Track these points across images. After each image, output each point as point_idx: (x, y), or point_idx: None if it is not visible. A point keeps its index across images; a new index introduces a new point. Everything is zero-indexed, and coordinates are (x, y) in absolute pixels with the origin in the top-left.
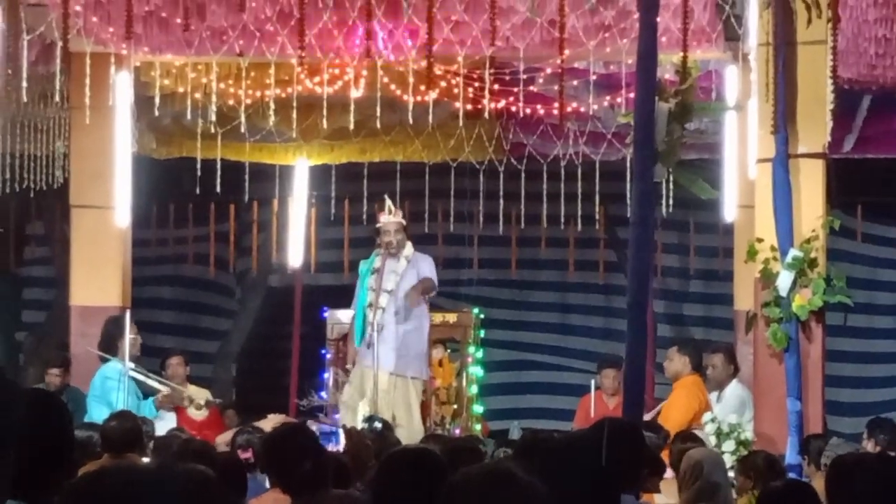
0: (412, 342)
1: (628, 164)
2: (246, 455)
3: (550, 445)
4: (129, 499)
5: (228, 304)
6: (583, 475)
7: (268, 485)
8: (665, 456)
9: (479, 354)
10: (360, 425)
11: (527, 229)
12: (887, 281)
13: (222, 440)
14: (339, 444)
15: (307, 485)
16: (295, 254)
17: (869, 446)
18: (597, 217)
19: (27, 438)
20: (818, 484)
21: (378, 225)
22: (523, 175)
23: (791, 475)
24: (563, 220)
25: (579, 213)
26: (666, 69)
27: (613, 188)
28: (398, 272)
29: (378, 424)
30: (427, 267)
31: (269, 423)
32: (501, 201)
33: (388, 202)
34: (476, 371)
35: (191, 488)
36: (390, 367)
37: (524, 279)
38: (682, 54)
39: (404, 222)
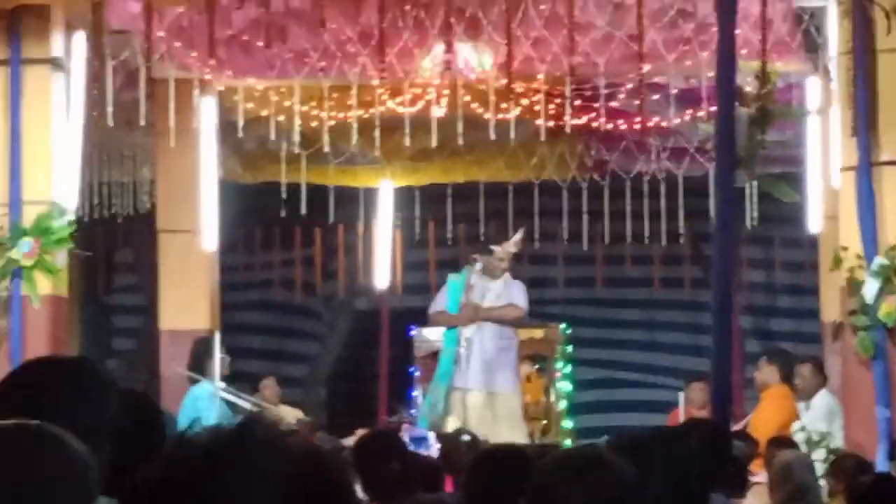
0: (504, 359)
1: (711, 179)
2: None
3: (639, 438)
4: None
5: (316, 328)
6: (670, 467)
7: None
8: (757, 466)
9: (567, 370)
10: None
11: (611, 247)
12: None
13: None
14: (429, 450)
15: (395, 488)
16: (381, 276)
17: None
18: (681, 233)
19: (121, 434)
20: None
21: (498, 248)
22: (606, 192)
23: None
24: (647, 236)
25: (664, 229)
26: (746, 80)
27: (697, 204)
28: (496, 292)
29: (467, 437)
30: (520, 294)
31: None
32: (585, 219)
33: (519, 234)
34: (564, 387)
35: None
36: (482, 384)
37: (610, 297)
38: (761, 61)
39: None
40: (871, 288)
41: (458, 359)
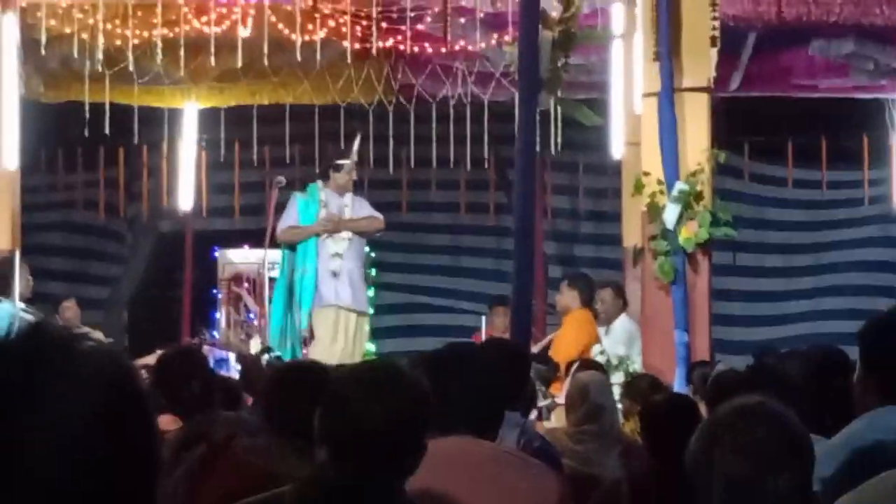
0: (363, 277)
1: (517, 105)
2: None
3: (437, 355)
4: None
5: (119, 250)
6: (466, 382)
7: None
8: (556, 388)
9: (371, 294)
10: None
11: (417, 171)
12: (775, 220)
13: None
14: (230, 371)
15: (196, 406)
16: (185, 198)
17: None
18: (486, 158)
19: None
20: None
21: (344, 162)
22: (413, 116)
23: None
24: (452, 161)
25: (468, 154)
26: (552, 5)
27: (503, 130)
28: (351, 207)
29: (274, 355)
30: (368, 206)
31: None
32: (391, 143)
33: (356, 142)
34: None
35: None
36: (354, 302)
37: (415, 221)
38: None
39: None
40: (671, 213)
41: (322, 276)
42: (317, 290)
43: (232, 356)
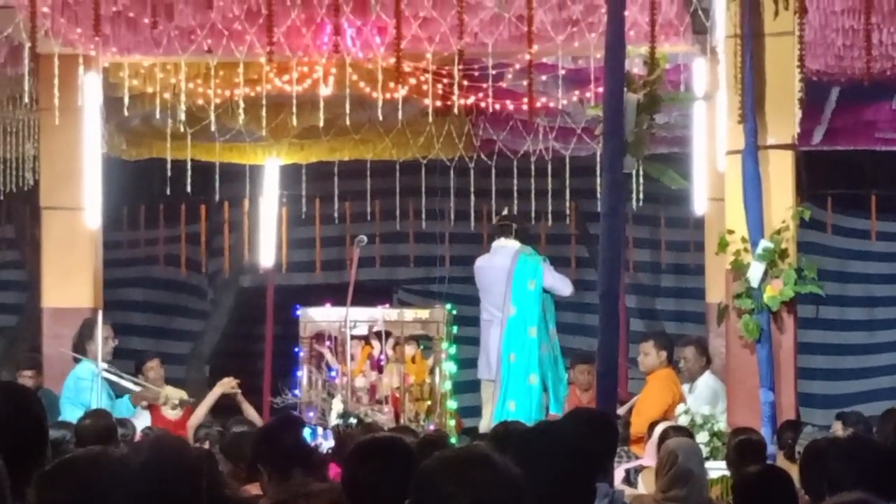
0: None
1: (598, 160)
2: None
3: (524, 433)
4: (100, 483)
5: (200, 305)
6: (556, 461)
7: None
8: (639, 449)
9: (452, 350)
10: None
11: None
12: (857, 273)
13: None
14: (316, 439)
15: (289, 475)
16: (266, 253)
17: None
18: (567, 213)
19: (2, 430)
20: (792, 474)
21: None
22: (493, 171)
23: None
24: (533, 216)
25: (550, 209)
26: (634, 62)
27: (584, 184)
28: None
29: (353, 420)
30: None
31: (221, 387)
32: (472, 198)
33: None
34: (449, 367)
35: (162, 472)
36: None
37: None
38: (650, 46)
39: None
40: (756, 271)
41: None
42: None
43: (319, 429)
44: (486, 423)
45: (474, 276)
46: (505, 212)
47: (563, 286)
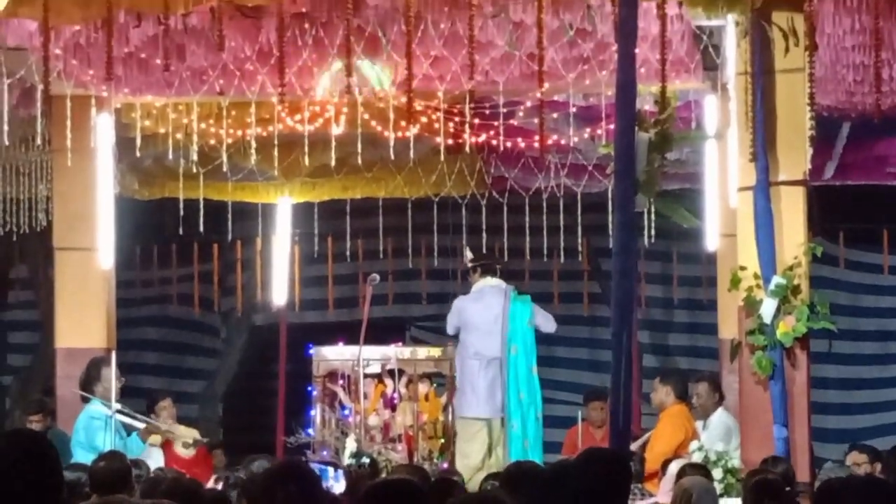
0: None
1: (610, 196)
2: None
3: (537, 474)
4: None
5: (213, 344)
6: (571, 503)
7: None
8: (652, 486)
9: None
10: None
11: (510, 262)
12: (870, 307)
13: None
14: (328, 482)
15: None
16: (279, 292)
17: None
18: (580, 249)
19: (14, 479)
20: None
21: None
22: (506, 208)
23: None
24: (546, 252)
25: (562, 245)
26: (645, 100)
27: (595, 220)
28: None
29: (366, 460)
30: None
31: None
32: (484, 235)
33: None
34: None
35: None
36: None
37: None
38: (660, 85)
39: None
40: (768, 307)
41: None
42: None
43: (330, 470)
44: (480, 462)
45: (450, 316)
46: (469, 254)
47: (550, 324)
